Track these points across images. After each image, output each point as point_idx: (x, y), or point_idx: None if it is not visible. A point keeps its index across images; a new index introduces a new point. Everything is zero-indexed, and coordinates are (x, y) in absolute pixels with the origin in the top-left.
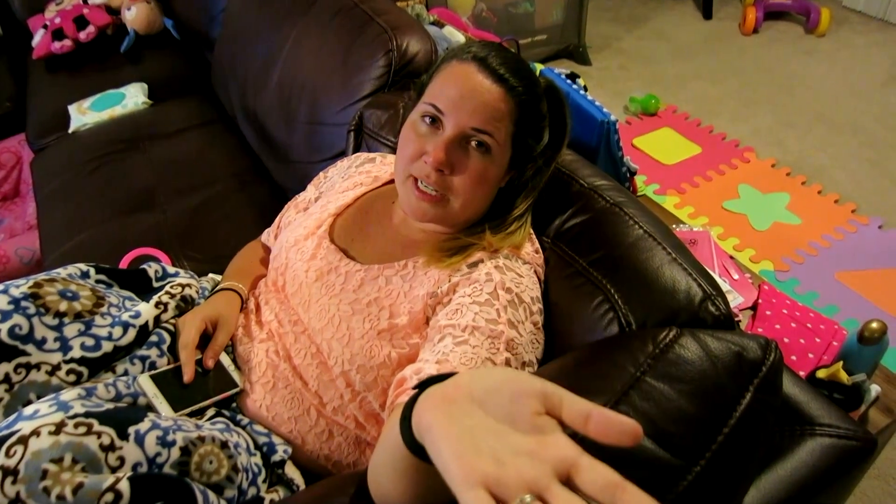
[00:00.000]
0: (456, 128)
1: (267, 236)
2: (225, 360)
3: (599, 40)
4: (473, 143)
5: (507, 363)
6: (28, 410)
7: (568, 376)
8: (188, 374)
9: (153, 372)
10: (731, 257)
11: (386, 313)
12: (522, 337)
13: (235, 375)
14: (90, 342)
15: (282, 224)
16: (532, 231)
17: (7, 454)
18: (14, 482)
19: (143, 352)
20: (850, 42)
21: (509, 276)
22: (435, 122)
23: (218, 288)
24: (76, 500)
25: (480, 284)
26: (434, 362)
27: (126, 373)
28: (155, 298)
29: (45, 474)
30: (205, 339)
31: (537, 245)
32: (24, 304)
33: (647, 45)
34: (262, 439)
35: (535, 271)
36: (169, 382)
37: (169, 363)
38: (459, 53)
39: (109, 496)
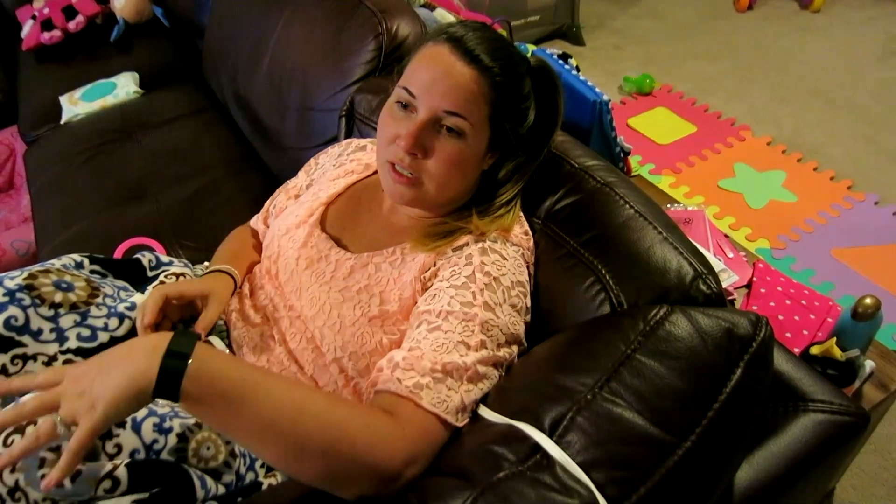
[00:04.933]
0: (428, 111)
1: (255, 221)
2: (220, 344)
3: (593, 20)
4: (446, 126)
5: (483, 345)
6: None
7: (559, 354)
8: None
9: None
10: (726, 236)
11: (376, 300)
12: (500, 319)
13: None
14: (86, 332)
15: (273, 211)
16: (521, 213)
17: (4, 443)
18: (12, 471)
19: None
20: (845, 18)
21: (491, 259)
22: (408, 106)
23: (208, 270)
24: (74, 487)
25: (459, 268)
26: (406, 350)
27: None
28: (150, 288)
29: (42, 462)
30: (193, 319)
31: (527, 227)
32: (19, 295)
33: (641, 24)
34: None
35: (523, 254)
36: None
37: None
38: (435, 35)
39: (107, 483)
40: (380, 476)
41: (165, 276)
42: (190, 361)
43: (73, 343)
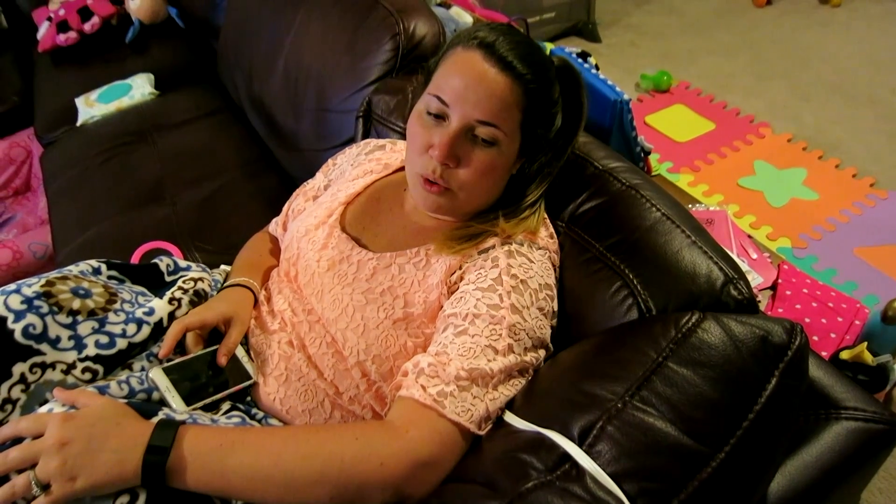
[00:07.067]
0: (461, 120)
1: (274, 226)
2: (239, 351)
3: (609, 16)
4: (479, 136)
5: (510, 349)
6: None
7: (587, 361)
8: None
9: (165, 365)
10: (749, 236)
11: (400, 302)
12: (527, 322)
13: (249, 367)
14: (104, 340)
15: (291, 213)
16: (546, 215)
17: None
18: None
19: (158, 348)
20: (866, 12)
21: (518, 262)
22: (440, 114)
23: (229, 283)
24: (92, 500)
25: (486, 270)
26: (433, 355)
27: (143, 369)
28: (168, 294)
29: None
30: (217, 336)
31: (552, 230)
32: (37, 303)
33: (657, 20)
34: None
35: (550, 257)
36: (182, 375)
37: None
38: (465, 39)
39: (125, 498)
40: (384, 483)
41: (183, 282)
42: (170, 454)
43: (91, 350)
